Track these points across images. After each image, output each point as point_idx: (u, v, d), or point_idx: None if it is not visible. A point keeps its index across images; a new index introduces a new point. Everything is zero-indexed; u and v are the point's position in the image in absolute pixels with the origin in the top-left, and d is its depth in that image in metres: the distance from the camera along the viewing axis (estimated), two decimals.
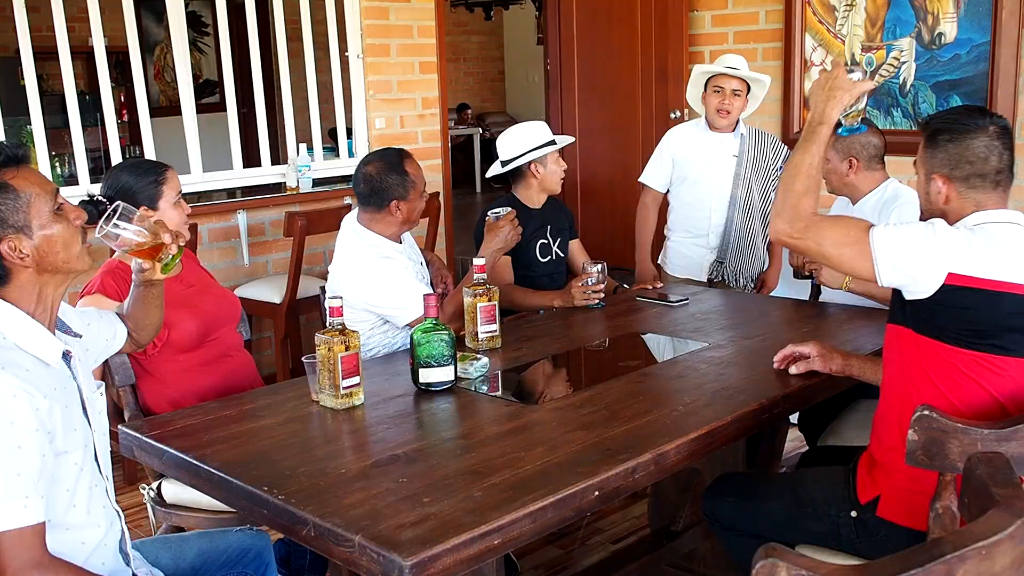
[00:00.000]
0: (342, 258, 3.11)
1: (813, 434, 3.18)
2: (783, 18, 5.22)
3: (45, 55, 4.61)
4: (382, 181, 3.02)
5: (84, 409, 1.82)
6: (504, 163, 3.60)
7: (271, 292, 4.60)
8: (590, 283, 3.25)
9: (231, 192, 4.97)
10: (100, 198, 2.59)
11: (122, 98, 9.91)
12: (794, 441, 3.62)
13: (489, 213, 3.29)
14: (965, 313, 1.96)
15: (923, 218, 2.14)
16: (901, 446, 1.92)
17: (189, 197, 4.74)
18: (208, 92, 10.82)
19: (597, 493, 1.89)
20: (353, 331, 2.35)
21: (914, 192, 3.33)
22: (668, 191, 4.17)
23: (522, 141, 3.53)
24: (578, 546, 3.42)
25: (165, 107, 9.79)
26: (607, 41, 6.04)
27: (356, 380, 2.35)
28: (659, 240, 4.29)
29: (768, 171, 4.02)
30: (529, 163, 3.54)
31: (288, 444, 2.13)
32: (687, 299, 3.36)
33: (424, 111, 5.55)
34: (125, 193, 2.58)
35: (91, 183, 4.59)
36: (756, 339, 2.87)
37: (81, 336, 1.96)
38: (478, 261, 2.81)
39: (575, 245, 3.83)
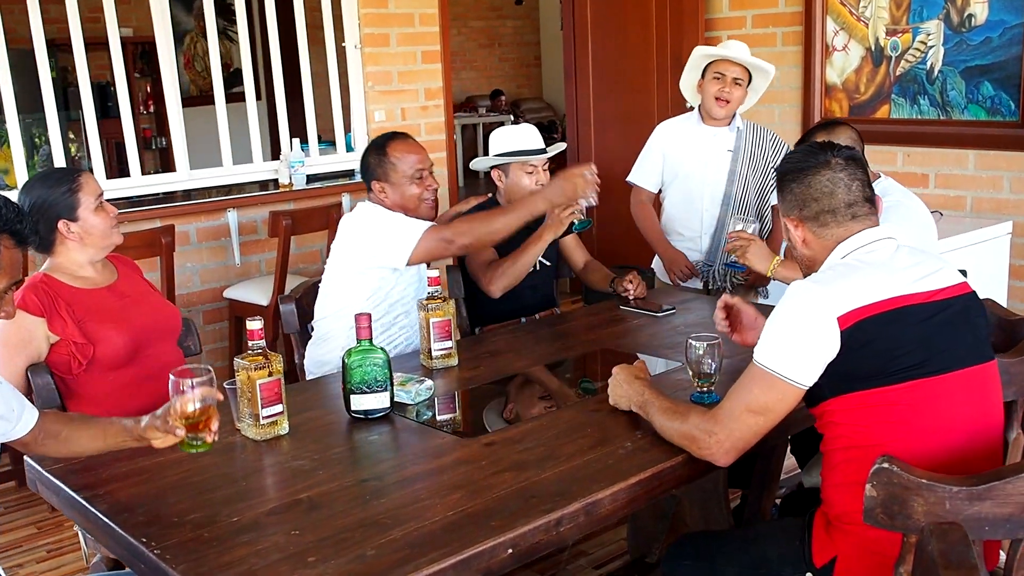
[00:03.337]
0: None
1: (805, 457, 2.93)
2: (803, 0, 4.91)
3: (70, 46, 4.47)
4: (365, 160, 3.01)
5: None
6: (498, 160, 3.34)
7: (259, 294, 4.43)
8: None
9: (225, 189, 4.81)
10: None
11: (148, 89, 9.91)
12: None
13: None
14: (874, 346, 1.78)
15: (802, 268, 2.05)
16: (852, 511, 1.69)
17: (176, 195, 4.61)
18: (239, 81, 10.76)
19: (511, 551, 1.68)
20: (275, 354, 2.16)
21: (898, 189, 3.06)
22: (660, 191, 3.90)
23: (497, 144, 3.28)
24: (560, 570, 3.20)
25: (196, 96, 9.69)
26: (621, 27, 5.76)
27: (279, 408, 2.16)
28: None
29: (768, 169, 3.70)
30: (494, 168, 3.30)
31: (190, 483, 1.94)
32: (673, 309, 3.12)
33: (427, 103, 5.34)
34: (41, 208, 2.43)
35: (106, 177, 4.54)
36: (738, 358, 2.60)
37: None
38: (431, 273, 2.59)
39: (570, 241, 3.54)
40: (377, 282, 2.85)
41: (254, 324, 2.13)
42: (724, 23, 5.28)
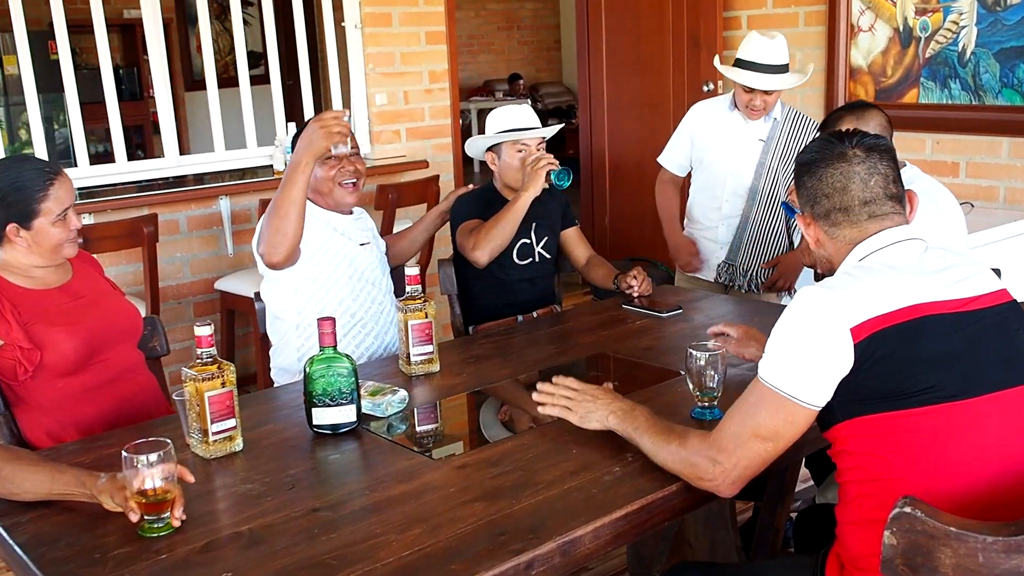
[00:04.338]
0: None
1: (821, 472, 2.70)
2: None
3: (79, 28, 4.29)
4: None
5: None
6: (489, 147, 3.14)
7: (251, 285, 4.22)
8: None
9: (216, 175, 4.61)
10: None
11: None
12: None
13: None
14: (892, 362, 1.55)
15: (821, 269, 1.82)
16: (870, 554, 1.46)
17: (166, 182, 4.41)
18: (253, 64, 10.57)
19: None
20: (228, 363, 1.95)
21: (925, 179, 2.82)
22: (690, 176, 3.66)
23: (490, 126, 3.07)
24: None
25: None
26: (636, 7, 5.50)
27: (231, 423, 1.95)
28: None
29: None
30: (488, 151, 3.09)
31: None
32: (680, 309, 2.88)
33: (432, 85, 5.11)
34: None
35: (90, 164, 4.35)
36: (746, 365, 2.37)
37: None
38: (410, 271, 2.38)
39: (572, 234, 3.29)
40: (294, 274, 2.68)
41: (203, 330, 1.91)
42: (743, 2, 5.02)
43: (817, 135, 3.42)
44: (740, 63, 3.30)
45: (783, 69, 3.29)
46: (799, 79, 3.33)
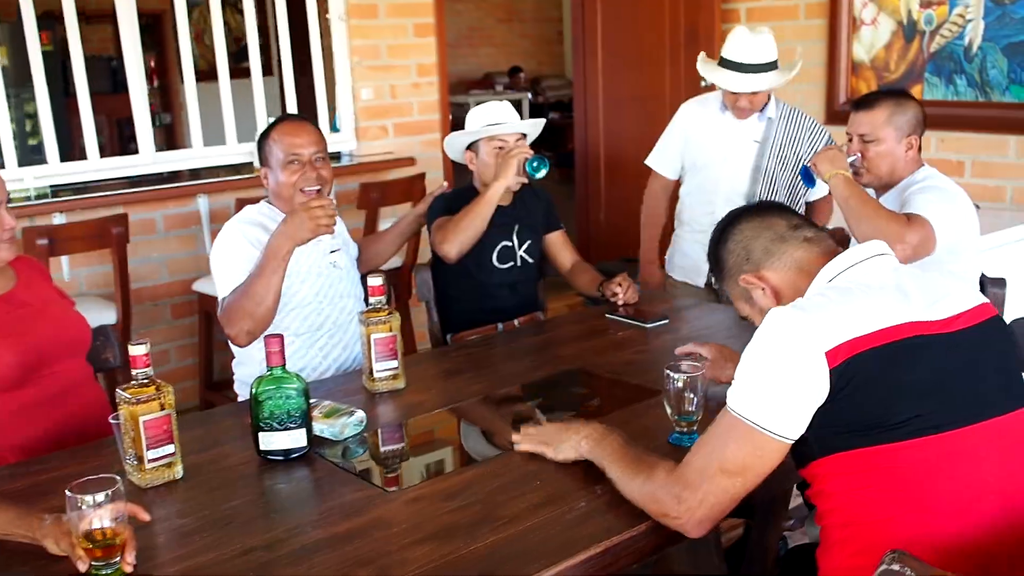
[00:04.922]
0: None
1: None
2: None
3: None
4: (257, 144, 2.72)
5: None
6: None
7: None
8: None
9: (194, 173, 4.46)
10: None
11: (152, 63, 9.59)
12: None
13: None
14: (871, 389, 1.42)
15: None
16: None
17: (140, 180, 4.27)
18: (248, 56, 10.41)
19: None
20: (167, 385, 1.81)
21: (944, 178, 2.69)
22: (681, 177, 3.49)
23: (469, 124, 2.93)
24: None
25: (205, 71, 9.40)
26: None
27: (170, 450, 1.81)
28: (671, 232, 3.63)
29: (799, 163, 3.22)
30: (467, 150, 2.95)
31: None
32: (666, 319, 2.73)
33: (420, 79, 4.96)
34: None
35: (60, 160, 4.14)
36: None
37: None
38: (374, 281, 2.23)
39: (557, 238, 3.13)
40: None
41: (137, 349, 1.77)
42: None
43: (821, 133, 3.29)
44: (724, 62, 3.14)
45: (769, 67, 3.11)
46: (784, 77, 3.16)
